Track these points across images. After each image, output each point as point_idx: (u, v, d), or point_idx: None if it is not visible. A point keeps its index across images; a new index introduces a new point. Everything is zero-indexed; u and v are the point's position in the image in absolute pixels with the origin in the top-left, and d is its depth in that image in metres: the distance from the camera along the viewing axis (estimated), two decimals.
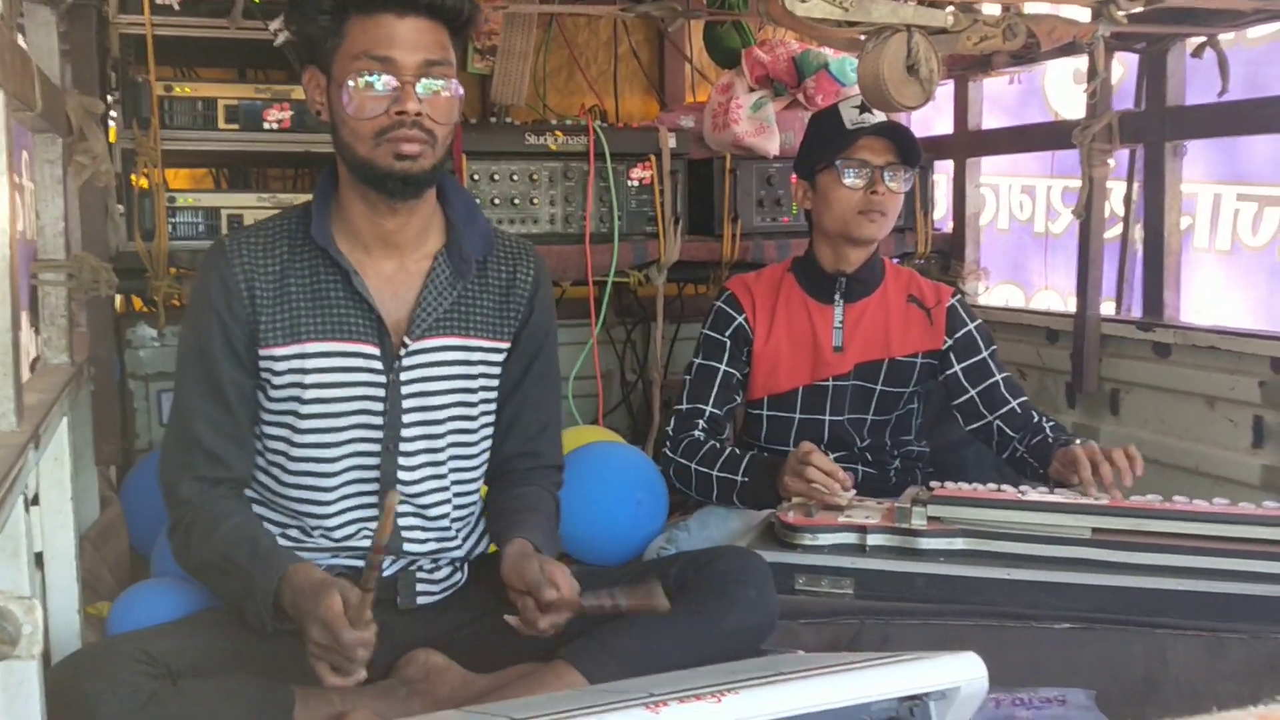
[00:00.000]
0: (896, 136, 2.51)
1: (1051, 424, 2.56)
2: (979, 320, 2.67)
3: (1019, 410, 2.58)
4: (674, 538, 2.48)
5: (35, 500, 1.90)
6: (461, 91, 1.81)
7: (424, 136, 1.76)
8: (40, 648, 0.88)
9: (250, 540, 1.75)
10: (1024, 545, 2.16)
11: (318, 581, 1.65)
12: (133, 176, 2.84)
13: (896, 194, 2.53)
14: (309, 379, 1.84)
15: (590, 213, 3.19)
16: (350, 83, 1.74)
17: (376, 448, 1.88)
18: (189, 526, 1.81)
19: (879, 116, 2.51)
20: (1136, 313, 3.19)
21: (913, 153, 2.53)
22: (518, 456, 2.02)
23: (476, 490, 2.01)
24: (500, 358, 1.96)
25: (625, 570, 2.09)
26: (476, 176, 3.09)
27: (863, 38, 2.16)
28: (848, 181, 2.50)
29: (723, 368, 2.62)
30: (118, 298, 3.33)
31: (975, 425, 2.63)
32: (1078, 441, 2.37)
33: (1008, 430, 2.57)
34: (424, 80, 1.76)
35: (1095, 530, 2.15)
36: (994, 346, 2.65)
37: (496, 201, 3.11)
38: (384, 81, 1.74)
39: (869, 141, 2.51)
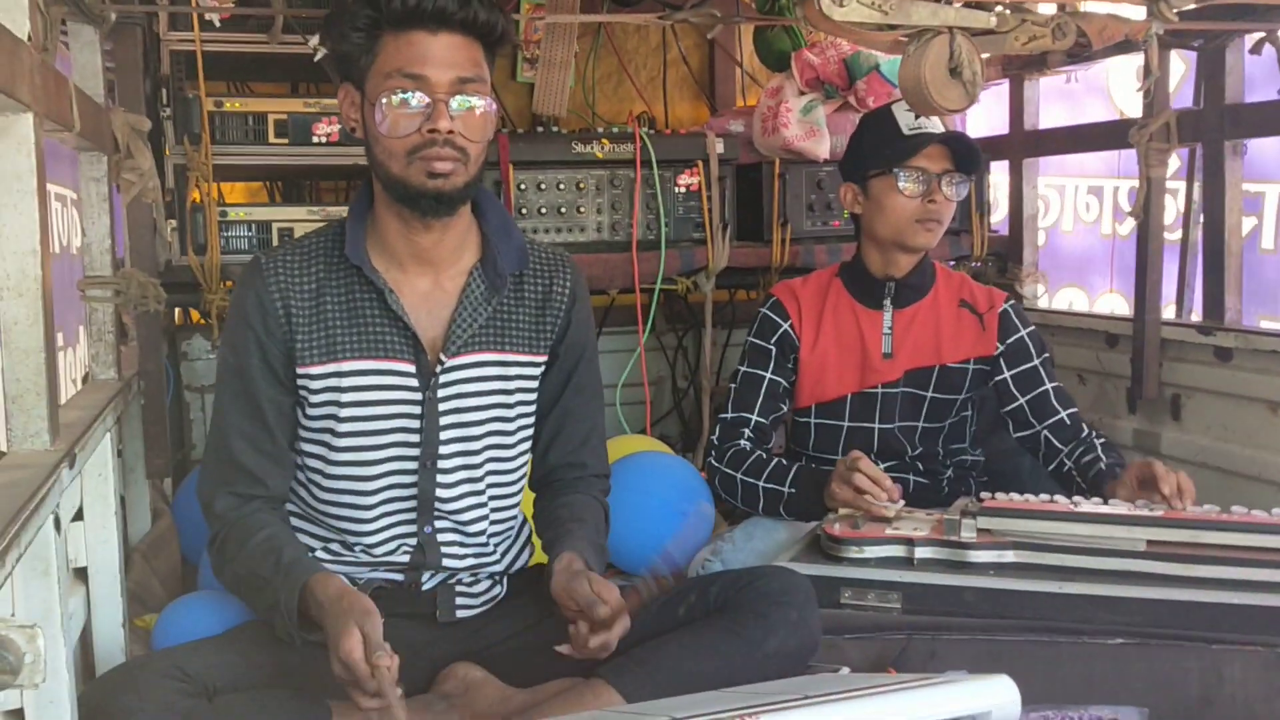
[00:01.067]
0: (955, 143, 2.47)
1: (1102, 441, 2.49)
2: (1032, 327, 2.61)
3: (1068, 421, 2.52)
4: (719, 550, 2.45)
5: (79, 515, 1.93)
6: (495, 107, 1.80)
7: (456, 155, 1.76)
8: (43, 677, 0.88)
9: (275, 552, 1.76)
10: (1076, 558, 2.10)
11: (335, 595, 1.64)
12: (185, 191, 2.88)
13: (952, 202, 2.48)
14: (345, 397, 1.84)
15: (637, 220, 3.18)
16: (383, 100, 1.74)
17: (414, 465, 1.87)
18: (224, 542, 1.82)
19: (936, 121, 2.46)
20: (1197, 316, 3.10)
21: (971, 160, 2.47)
22: (563, 468, 2.01)
23: (514, 505, 2.00)
24: (538, 371, 1.95)
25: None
26: (523, 186, 3.09)
27: (904, 39, 2.12)
28: (905, 190, 2.45)
29: (768, 375, 2.59)
30: (176, 311, 3.38)
31: (1023, 434, 2.57)
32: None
33: (1055, 442, 2.51)
34: (457, 97, 1.75)
35: (1150, 543, 2.09)
36: (1047, 354, 2.59)
37: (543, 210, 3.11)
38: (417, 99, 1.73)
39: (928, 149, 2.46)
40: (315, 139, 2.99)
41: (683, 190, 3.22)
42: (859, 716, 1.15)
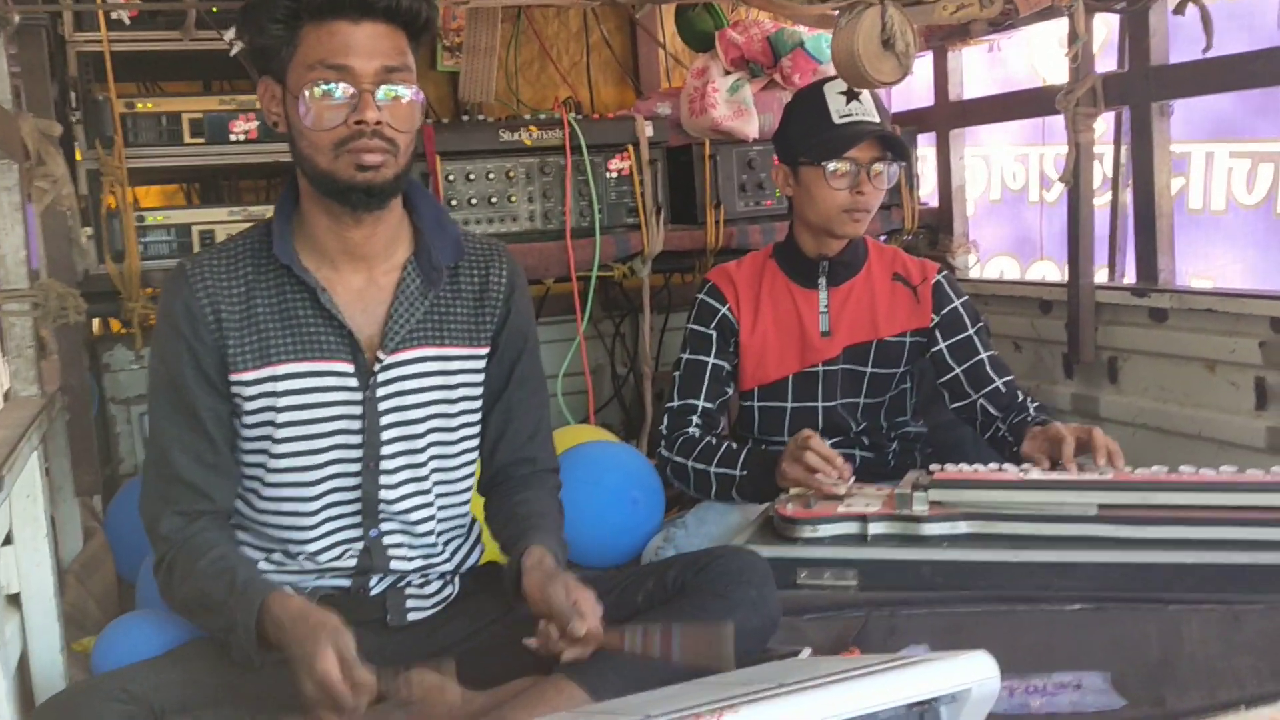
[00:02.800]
0: (884, 133, 2.45)
1: (1036, 404, 2.51)
2: (965, 297, 2.62)
3: (1004, 389, 2.53)
4: (671, 536, 2.43)
5: (9, 539, 1.85)
6: (422, 97, 1.75)
7: (385, 146, 1.70)
8: None
9: (229, 573, 1.70)
10: (1029, 526, 2.11)
11: (296, 614, 1.60)
12: (100, 197, 2.78)
13: (881, 190, 2.47)
14: (282, 402, 1.78)
15: (570, 207, 3.13)
16: (306, 93, 1.68)
17: (356, 467, 1.82)
18: (171, 564, 1.76)
19: (866, 104, 2.45)
20: (1130, 279, 3.13)
21: (899, 149, 2.47)
22: (513, 464, 1.97)
23: (463, 503, 1.95)
24: (480, 365, 1.91)
25: (624, 575, 2.03)
26: (452, 177, 3.03)
27: (835, 13, 2.11)
28: (834, 183, 2.44)
29: (711, 361, 2.57)
30: (95, 322, 3.28)
31: (959, 404, 2.58)
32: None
33: (991, 409, 2.52)
34: (383, 87, 1.69)
35: (1101, 506, 2.10)
36: (981, 324, 2.60)
37: (473, 201, 3.05)
38: (341, 90, 1.68)
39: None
40: (233, 137, 2.90)
41: (614, 175, 3.19)
42: (836, 703, 1.13)
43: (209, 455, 1.79)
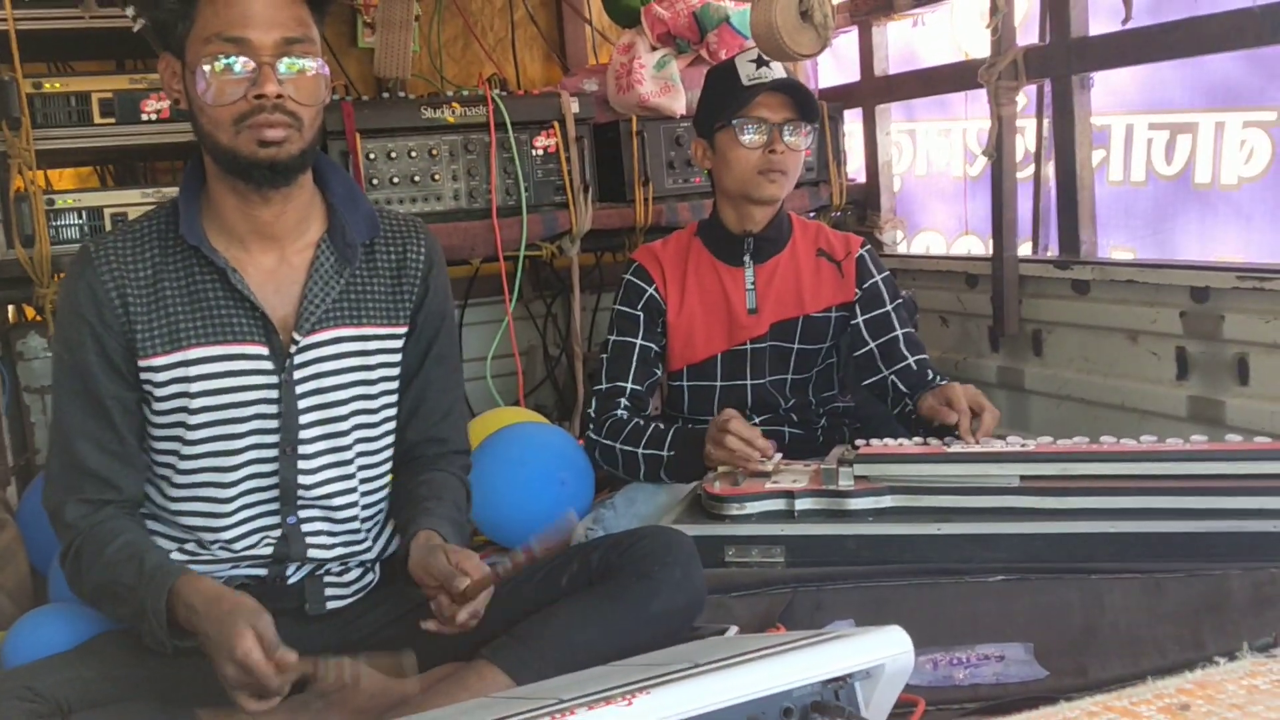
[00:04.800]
0: (794, 92, 2.44)
1: (945, 381, 2.51)
2: (886, 272, 2.63)
3: (915, 368, 2.54)
4: (600, 517, 2.42)
5: None
6: (327, 70, 1.71)
7: (287, 120, 1.65)
8: None
9: (137, 559, 1.65)
10: (953, 498, 2.12)
11: (211, 596, 1.56)
12: (7, 180, 2.70)
13: (796, 152, 2.46)
14: (195, 387, 1.73)
15: (495, 186, 3.09)
16: (204, 67, 1.63)
17: (274, 453, 1.78)
18: (78, 552, 1.71)
19: (777, 71, 2.43)
20: (1053, 251, 3.15)
21: (811, 108, 2.46)
22: (423, 443, 1.94)
23: (384, 487, 1.92)
24: (398, 344, 1.87)
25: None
26: (373, 155, 2.97)
27: None
28: (746, 140, 2.43)
29: (639, 342, 2.55)
30: (10, 309, 3.19)
31: (871, 380, 2.58)
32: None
33: (901, 386, 2.53)
34: (284, 60, 1.65)
35: (1024, 478, 2.11)
36: (900, 300, 2.61)
37: (395, 180, 3.00)
38: (240, 64, 1.63)
39: (766, 99, 2.43)
40: (145, 117, 2.83)
41: (540, 153, 3.15)
42: (749, 682, 1.11)
43: (114, 444, 1.74)
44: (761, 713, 1.10)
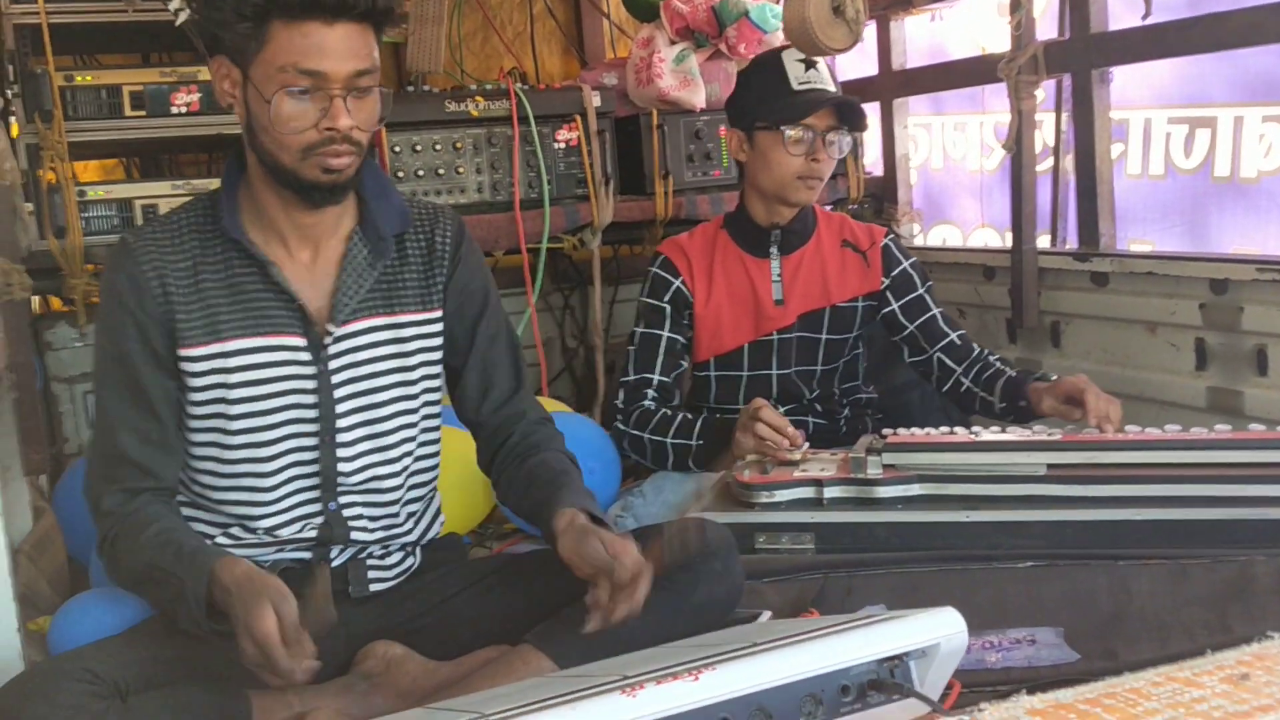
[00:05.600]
0: (841, 101, 2.46)
1: (996, 357, 2.55)
2: (913, 258, 2.67)
3: (959, 342, 2.58)
4: (629, 505, 2.45)
5: None
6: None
7: (353, 149, 1.69)
8: None
9: (175, 544, 1.67)
10: (981, 486, 2.15)
11: (243, 577, 1.57)
12: (39, 172, 2.72)
13: (834, 160, 2.49)
14: (234, 378, 1.76)
15: (518, 179, 3.12)
16: (276, 94, 1.64)
17: (314, 441, 1.81)
18: (115, 539, 1.73)
19: (823, 73, 2.46)
20: (1072, 244, 3.18)
21: (857, 118, 2.48)
22: (506, 422, 1.95)
23: (431, 467, 1.95)
24: (436, 328, 1.90)
25: None
26: (398, 148, 3.00)
27: None
28: (791, 149, 2.45)
29: (665, 334, 2.58)
30: (35, 300, 3.21)
31: (917, 359, 2.63)
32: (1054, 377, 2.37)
33: (948, 362, 2.57)
34: (354, 91, 1.67)
35: (1050, 466, 2.14)
36: (930, 283, 2.64)
37: (420, 173, 3.03)
38: (313, 96, 1.65)
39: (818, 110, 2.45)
40: (174, 110, 2.84)
41: (562, 146, 3.18)
42: (810, 660, 1.15)
43: (156, 433, 1.77)
44: (820, 690, 1.14)
